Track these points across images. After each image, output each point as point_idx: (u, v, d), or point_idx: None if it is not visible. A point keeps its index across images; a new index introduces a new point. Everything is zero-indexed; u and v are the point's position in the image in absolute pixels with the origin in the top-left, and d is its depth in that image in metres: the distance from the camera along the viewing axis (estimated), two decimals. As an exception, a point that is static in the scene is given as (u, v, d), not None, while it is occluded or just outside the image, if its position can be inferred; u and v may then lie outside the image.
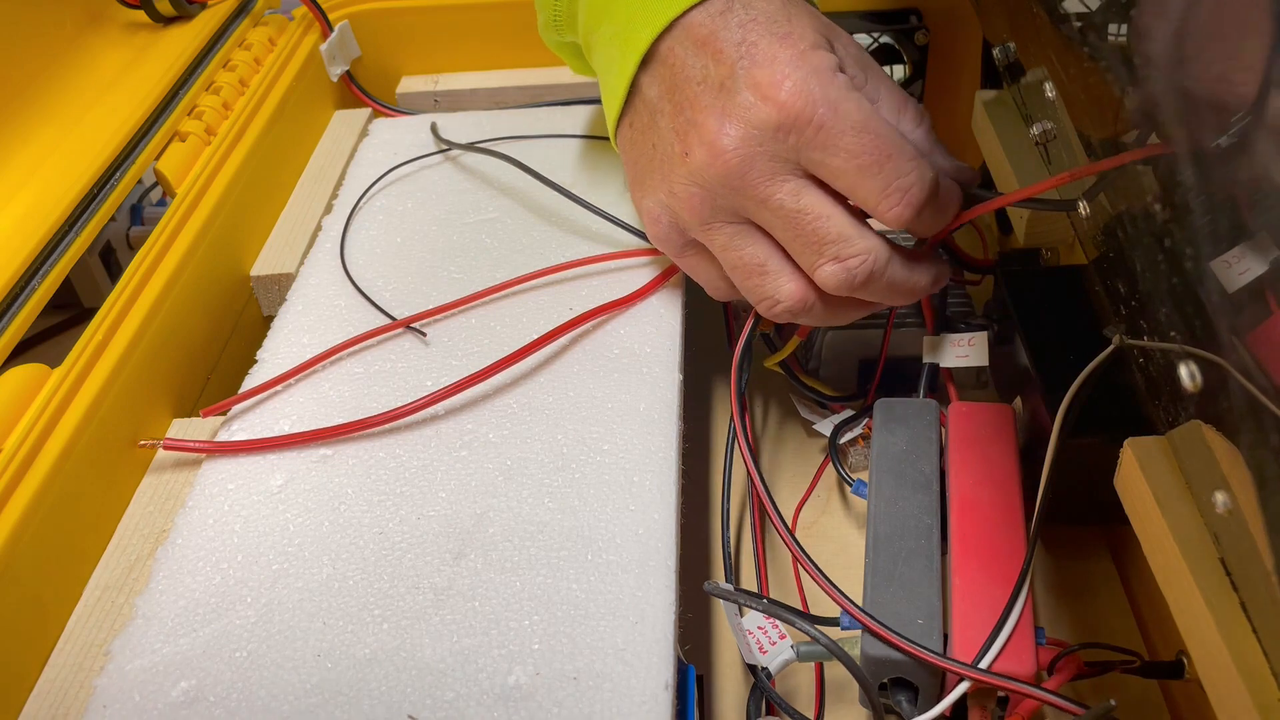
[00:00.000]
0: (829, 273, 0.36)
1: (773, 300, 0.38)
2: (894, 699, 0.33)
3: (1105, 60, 0.29)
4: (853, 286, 0.36)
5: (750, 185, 0.36)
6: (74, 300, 0.59)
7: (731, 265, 0.39)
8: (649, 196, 0.40)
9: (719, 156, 0.35)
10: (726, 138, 0.35)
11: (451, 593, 0.34)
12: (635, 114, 0.40)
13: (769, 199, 0.36)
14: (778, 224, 0.36)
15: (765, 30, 0.35)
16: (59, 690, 0.33)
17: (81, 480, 0.37)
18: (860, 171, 0.34)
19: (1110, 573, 0.41)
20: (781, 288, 0.38)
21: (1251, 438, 0.22)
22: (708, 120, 0.36)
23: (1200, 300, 0.24)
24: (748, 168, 0.35)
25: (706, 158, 0.36)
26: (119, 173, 0.48)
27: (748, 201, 0.36)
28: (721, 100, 0.36)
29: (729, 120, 0.35)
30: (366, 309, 0.46)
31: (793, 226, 0.36)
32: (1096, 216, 0.32)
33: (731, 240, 0.38)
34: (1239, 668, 0.25)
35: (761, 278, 0.38)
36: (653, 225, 0.40)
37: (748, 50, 0.35)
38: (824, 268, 0.36)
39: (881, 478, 0.37)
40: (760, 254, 0.38)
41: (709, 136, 0.36)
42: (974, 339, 0.42)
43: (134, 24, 0.61)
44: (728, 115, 0.35)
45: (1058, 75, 0.34)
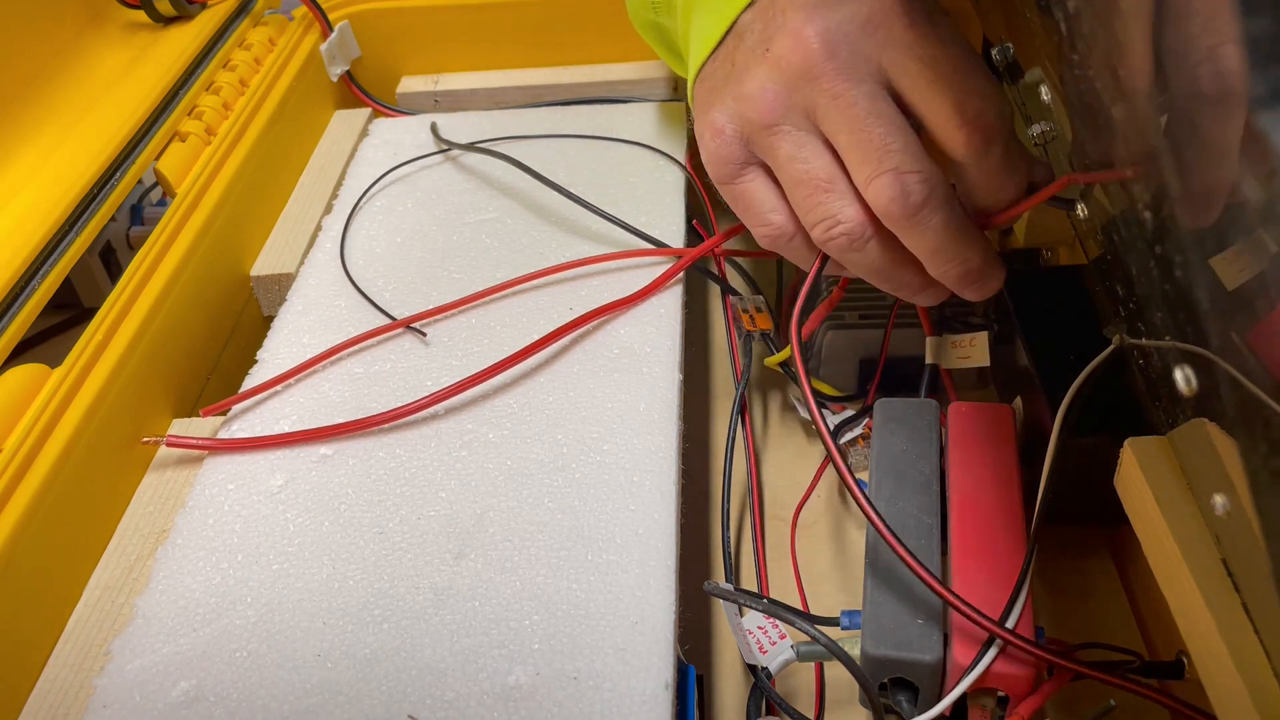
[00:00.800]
0: (883, 184, 0.33)
1: (833, 220, 0.35)
2: (894, 699, 0.33)
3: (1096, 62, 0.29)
4: (905, 208, 0.33)
5: (828, 75, 0.34)
6: (74, 300, 0.59)
7: (795, 179, 0.36)
8: (717, 108, 0.37)
9: (802, 42, 0.34)
10: (811, 26, 0.34)
11: (451, 593, 0.34)
12: (723, 47, 0.39)
13: (843, 94, 0.34)
14: (845, 125, 0.34)
15: None
16: (59, 690, 0.33)
17: (81, 480, 0.37)
18: (938, 81, 0.33)
19: (1110, 573, 0.41)
20: (845, 209, 0.35)
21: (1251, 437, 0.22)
22: (795, 16, 0.35)
23: (1200, 300, 0.24)
24: (829, 55, 0.34)
25: (789, 46, 0.34)
26: (119, 173, 0.48)
27: (821, 96, 0.34)
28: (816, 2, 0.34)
29: (817, 13, 0.34)
30: (366, 309, 0.46)
31: (860, 130, 0.34)
32: (1095, 216, 0.32)
33: (799, 149, 0.36)
34: (1239, 668, 0.25)
35: (826, 194, 0.35)
36: (715, 138, 0.37)
37: None
38: (880, 179, 0.34)
39: (881, 478, 0.37)
40: (827, 169, 0.35)
41: (793, 26, 0.34)
42: (975, 339, 0.42)
43: (134, 24, 0.61)
44: (819, 9, 0.34)
45: (1052, 77, 0.34)
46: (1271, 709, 0.24)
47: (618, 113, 0.58)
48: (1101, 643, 0.35)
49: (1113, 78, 0.27)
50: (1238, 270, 0.22)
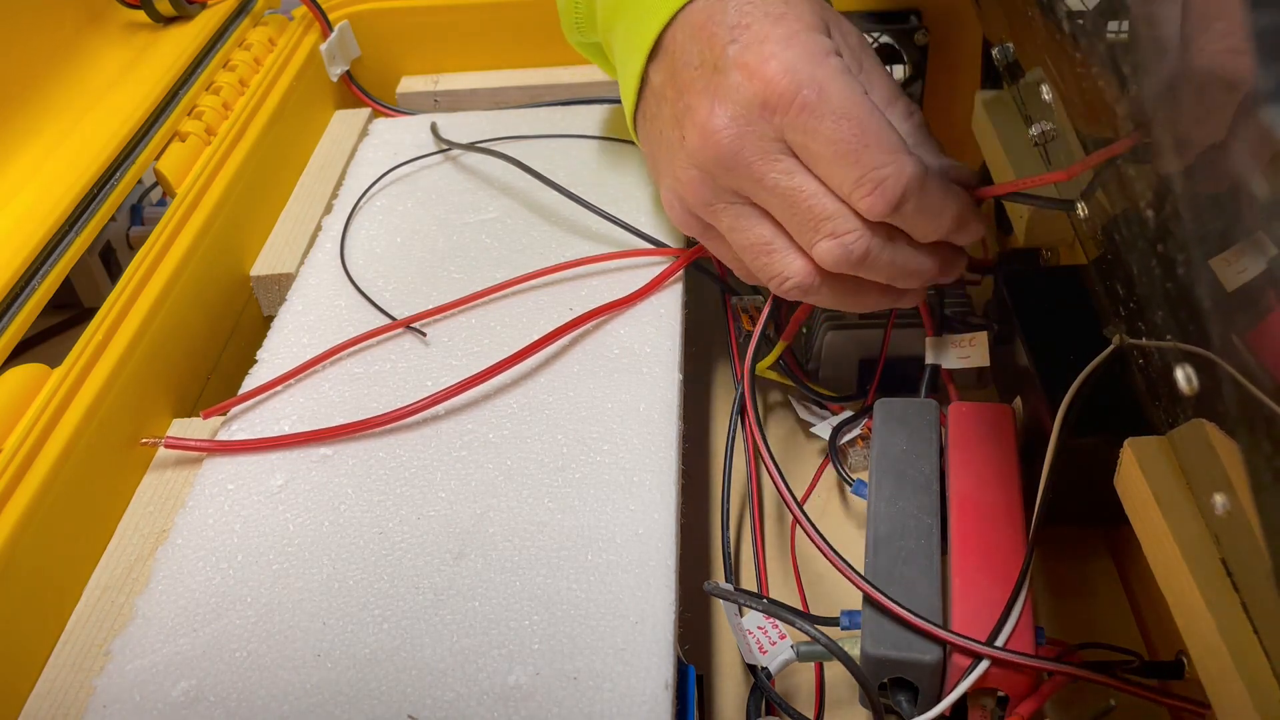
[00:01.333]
0: (825, 249, 0.36)
1: (782, 277, 0.38)
2: (894, 699, 0.33)
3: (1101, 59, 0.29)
4: (851, 263, 0.36)
5: (743, 165, 0.36)
6: (74, 300, 0.59)
7: (740, 246, 0.38)
8: (661, 184, 0.40)
9: (710, 137, 0.36)
10: (716, 118, 0.35)
11: (451, 593, 0.34)
12: (646, 104, 0.41)
13: (763, 178, 0.36)
14: (774, 202, 0.36)
15: (760, 13, 0.35)
16: (59, 690, 0.33)
17: (81, 480, 0.37)
18: (836, 158, 0.34)
19: (1110, 573, 0.41)
20: (790, 265, 0.37)
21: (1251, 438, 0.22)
22: (700, 102, 0.36)
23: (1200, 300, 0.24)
24: (739, 147, 0.35)
25: (699, 140, 0.36)
26: (119, 173, 0.48)
27: (743, 181, 0.36)
28: (714, 81, 0.36)
29: (719, 101, 0.35)
30: (366, 309, 0.46)
31: (788, 205, 0.36)
32: (1095, 216, 0.32)
33: (736, 221, 0.38)
34: (1239, 668, 0.25)
35: (769, 256, 0.38)
36: (669, 210, 0.41)
37: (740, 32, 0.35)
38: (820, 244, 0.36)
39: (881, 478, 0.37)
40: (765, 234, 0.37)
41: (700, 118, 0.36)
42: (975, 339, 0.42)
43: (134, 24, 0.61)
44: (718, 96, 0.35)
45: (1054, 76, 0.34)
46: (1272, 709, 0.24)
47: (617, 113, 0.58)
48: (1101, 643, 0.35)
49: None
50: (1237, 272, 0.22)
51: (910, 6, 0.59)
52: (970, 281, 0.45)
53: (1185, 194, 0.24)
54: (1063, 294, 0.42)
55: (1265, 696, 0.24)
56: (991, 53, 0.41)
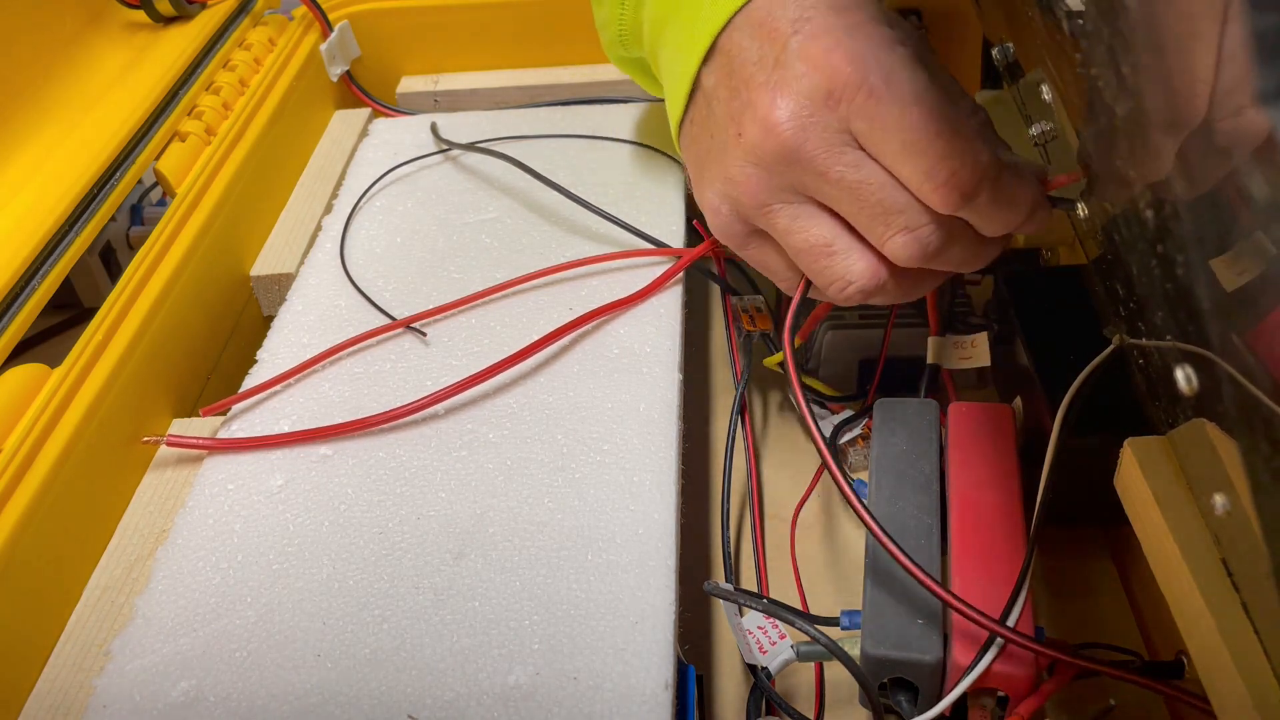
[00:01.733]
0: (900, 244, 0.34)
1: (844, 281, 0.36)
2: (894, 699, 0.33)
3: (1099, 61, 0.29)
4: (927, 256, 0.34)
5: (808, 158, 0.34)
6: (74, 300, 0.59)
7: (797, 249, 0.36)
8: (708, 188, 0.38)
9: (772, 131, 0.34)
10: (779, 110, 0.34)
11: (451, 593, 0.34)
12: (695, 109, 0.39)
13: (828, 171, 0.34)
14: (841, 198, 0.34)
15: (824, 5, 0.34)
16: (59, 690, 0.33)
17: (81, 480, 0.37)
18: (905, 148, 0.33)
19: (1110, 573, 0.41)
20: (853, 267, 0.35)
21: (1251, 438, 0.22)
22: (760, 97, 0.34)
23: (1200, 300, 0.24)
24: (803, 140, 0.34)
25: (760, 134, 0.34)
26: (119, 173, 0.48)
27: (807, 176, 0.34)
28: (775, 75, 0.34)
29: (781, 94, 0.34)
30: (366, 309, 0.46)
31: (856, 199, 0.34)
32: (1095, 216, 0.32)
33: (794, 222, 0.36)
34: (1239, 668, 0.25)
35: (830, 259, 0.36)
36: (714, 217, 0.38)
37: (803, 24, 0.34)
38: (894, 239, 0.34)
39: (881, 478, 0.37)
40: (826, 233, 0.35)
41: (761, 112, 0.34)
42: (975, 339, 0.42)
43: (134, 24, 0.61)
44: (780, 89, 0.34)
45: (1054, 76, 0.34)
46: (1272, 709, 0.24)
47: (618, 113, 0.58)
48: (1101, 643, 0.35)
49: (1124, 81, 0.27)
50: (1237, 273, 0.22)
51: (910, 6, 0.59)
52: (970, 282, 0.45)
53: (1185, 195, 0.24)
54: (1063, 294, 0.42)
55: (1265, 696, 0.24)
56: (992, 53, 0.41)
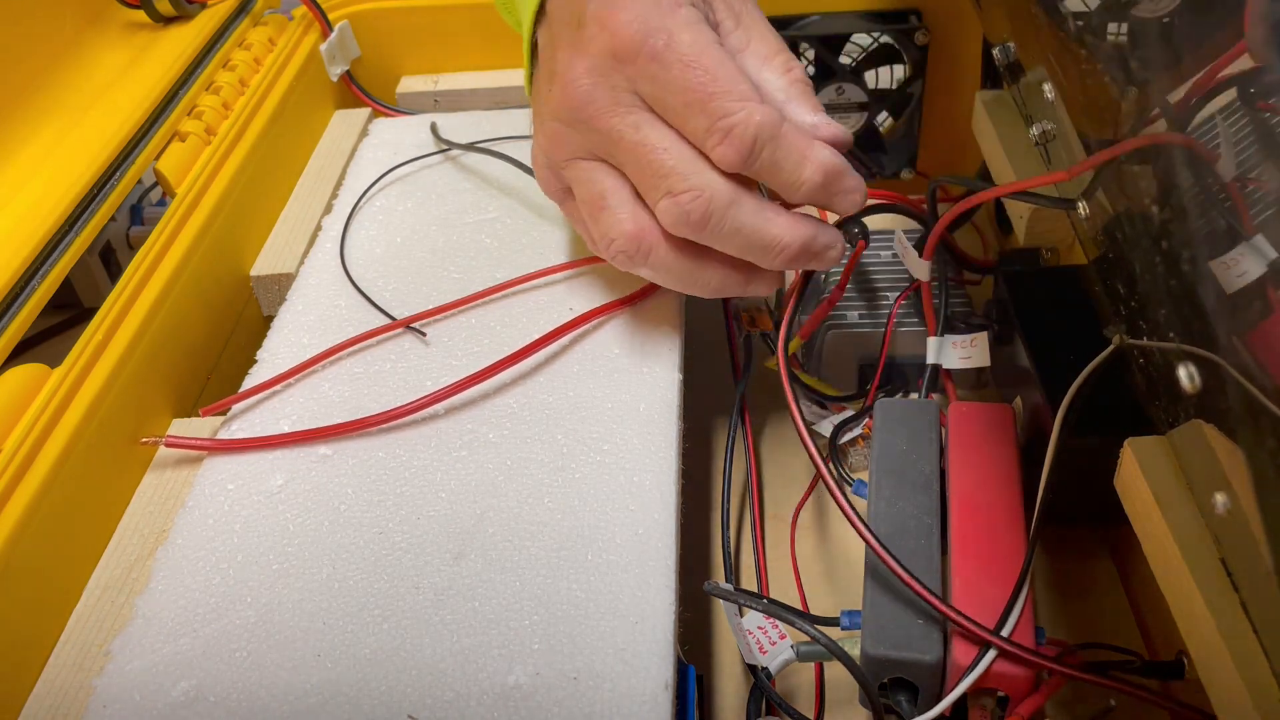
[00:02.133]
0: (663, 208, 0.35)
1: (608, 238, 0.37)
2: (894, 699, 0.33)
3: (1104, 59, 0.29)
4: (689, 223, 0.35)
5: (593, 116, 0.35)
6: (74, 300, 0.59)
7: (583, 201, 0.38)
8: (535, 143, 0.40)
9: (567, 88, 0.36)
10: (573, 69, 0.36)
11: (451, 593, 0.34)
12: (535, 67, 0.41)
13: (610, 130, 0.35)
14: (622, 157, 0.36)
15: None
16: (59, 690, 0.33)
17: (81, 480, 0.37)
18: (687, 106, 0.34)
19: (1110, 573, 0.41)
20: (616, 224, 0.36)
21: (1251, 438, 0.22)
22: (562, 56, 0.36)
23: (1200, 301, 0.24)
24: (590, 98, 0.35)
25: (560, 92, 0.36)
26: (119, 173, 0.48)
27: (594, 135, 0.36)
28: (576, 36, 0.36)
29: (578, 54, 0.36)
30: (366, 309, 0.46)
31: (635, 159, 0.35)
32: (1095, 216, 0.32)
33: (585, 174, 0.37)
34: (1239, 668, 0.25)
35: (602, 212, 0.37)
36: (536, 170, 0.40)
37: None
38: (661, 204, 0.35)
39: (881, 478, 0.37)
40: (606, 188, 0.37)
41: (561, 69, 0.36)
42: (975, 339, 0.42)
43: (134, 24, 0.61)
44: (577, 49, 0.36)
45: (1057, 76, 0.34)
46: (1271, 709, 0.24)
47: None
48: (1101, 643, 0.35)
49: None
50: (1237, 275, 0.22)
51: (910, 6, 0.59)
52: (970, 281, 0.45)
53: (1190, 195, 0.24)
54: (1063, 294, 0.42)
55: (1265, 696, 0.24)
56: (992, 53, 0.41)
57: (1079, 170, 0.33)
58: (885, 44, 0.59)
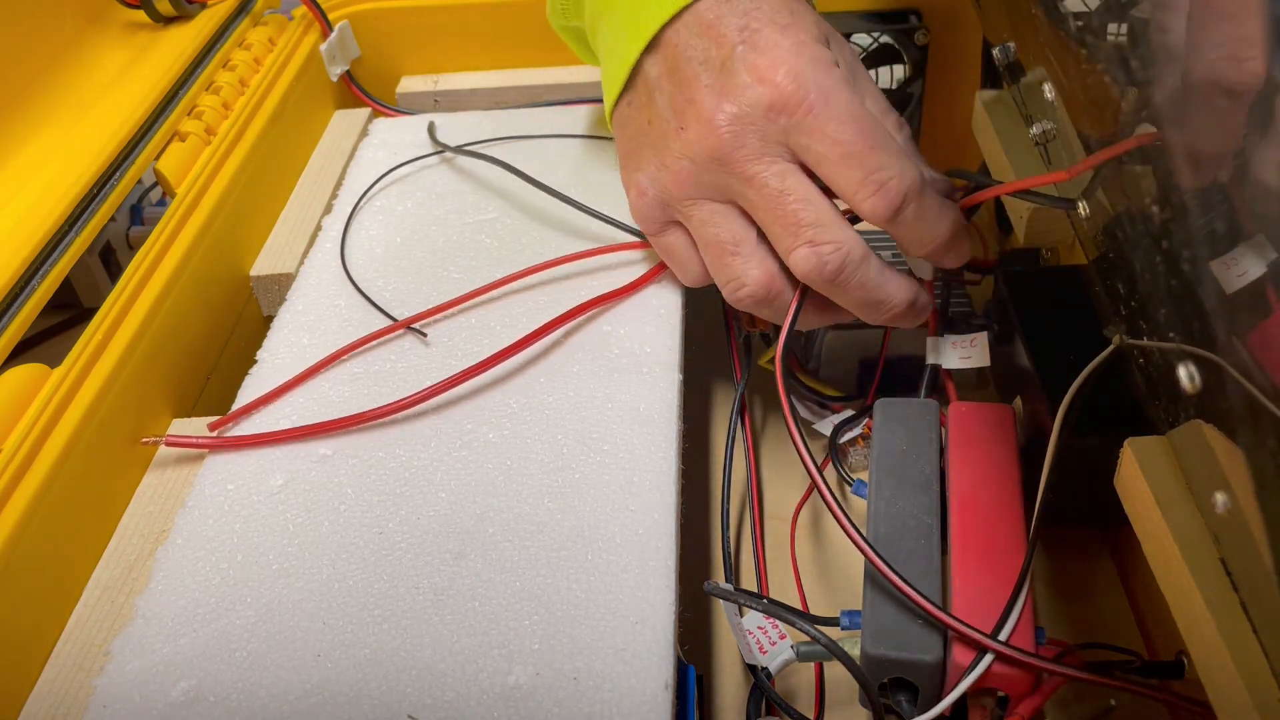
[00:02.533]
0: (801, 256, 0.36)
1: (739, 283, 0.39)
2: (894, 699, 0.33)
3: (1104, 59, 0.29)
4: (823, 275, 0.36)
5: (738, 162, 0.36)
6: (74, 300, 0.59)
7: (706, 242, 0.39)
8: (640, 170, 0.41)
9: (713, 131, 0.36)
10: (721, 114, 0.36)
11: (451, 593, 0.34)
12: (635, 93, 0.41)
13: (754, 177, 0.36)
14: (760, 203, 0.37)
15: (768, 20, 0.37)
16: (59, 690, 0.33)
17: (81, 480, 0.37)
18: (843, 159, 0.35)
19: (1110, 573, 0.41)
20: (749, 271, 0.38)
21: (1251, 438, 0.22)
22: (705, 98, 0.37)
23: (1200, 301, 0.24)
24: (738, 144, 0.36)
25: (700, 132, 0.37)
26: (119, 173, 0.48)
27: (733, 179, 0.37)
28: (720, 80, 0.37)
29: (725, 98, 0.36)
30: (366, 309, 0.46)
31: (774, 207, 0.36)
32: (1096, 216, 0.32)
33: (711, 216, 0.39)
34: (1239, 668, 0.25)
35: (732, 258, 0.39)
36: (638, 199, 0.41)
37: (749, 36, 0.36)
38: (798, 251, 0.36)
39: (881, 478, 0.37)
40: (736, 234, 0.38)
41: (705, 113, 0.37)
42: (975, 339, 0.42)
43: (134, 24, 0.61)
44: (724, 94, 0.36)
45: (1057, 75, 0.34)
46: (1271, 709, 0.24)
47: (618, 113, 0.58)
48: (1101, 643, 0.35)
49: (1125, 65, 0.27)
50: (1237, 275, 0.22)
51: (910, 6, 0.59)
52: (970, 281, 0.45)
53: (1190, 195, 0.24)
54: (1063, 294, 0.42)
55: (1265, 696, 0.24)
56: (992, 53, 0.41)
57: (1079, 170, 0.33)
58: (885, 44, 0.59)
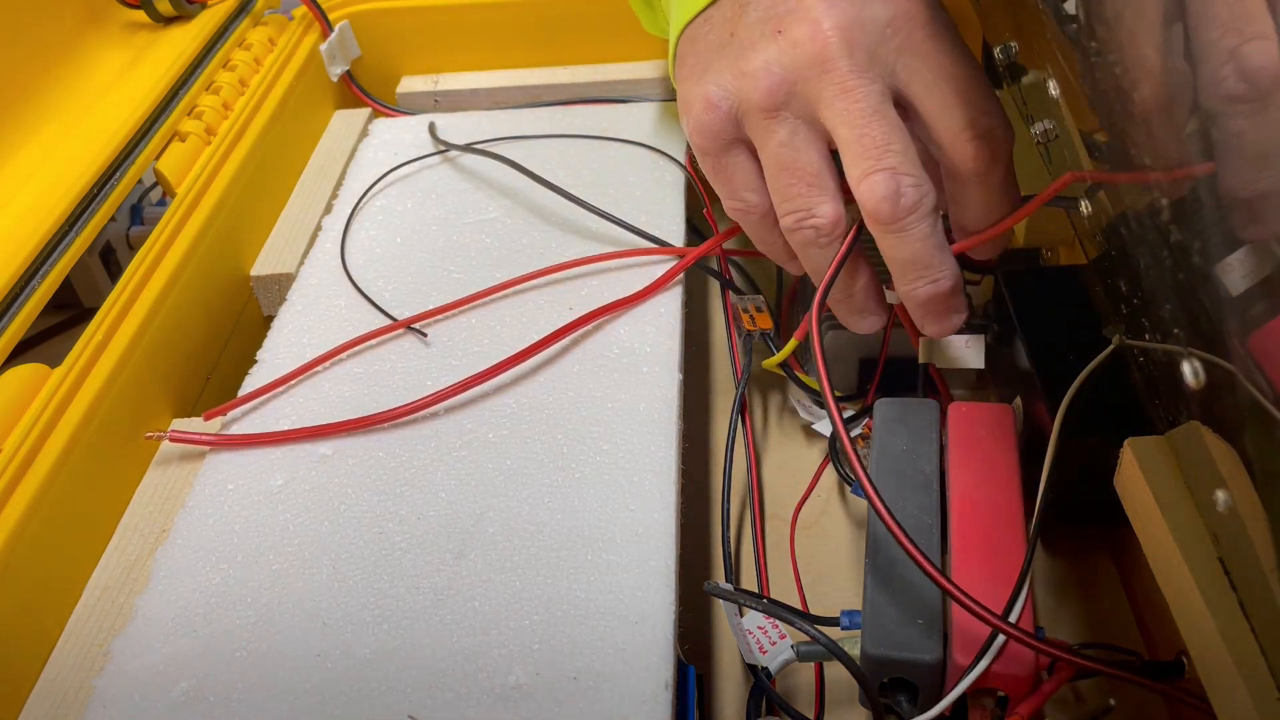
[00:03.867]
0: (878, 180, 0.33)
1: (808, 213, 0.35)
2: (894, 699, 0.33)
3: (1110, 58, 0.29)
4: (895, 206, 0.33)
5: (840, 72, 0.33)
6: (74, 300, 0.59)
7: (782, 164, 0.36)
8: (710, 82, 0.36)
9: (818, 35, 0.34)
10: (830, 18, 0.33)
11: (451, 593, 0.34)
12: (719, 9, 0.37)
13: (853, 89, 0.33)
14: (849, 119, 0.34)
15: None
16: (59, 690, 0.33)
17: (81, 480, 0.37)
18: (955, 94, 0.33)
19: (1110, 573, 0.41)
20: (823, 205, 0.35)
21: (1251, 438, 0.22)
22: (814, 3, 0.34)
23: (1202, 302, 0.24)
24: (844, 52, 0.33)
25: (805, 34, 0.34)
26: (119, 173, 0.48)
27: (829, 88, 0.34)
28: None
29: (838, 6, 0.34)
30: (366, 309, 0.46)
31: (863, 125, 0.33)
32: (1098, 215, 0.32)
33: (792, 137, 0.35)
34: (1239, 668, 0.25)
35: (809, 187, 0.35)
36: (706, 112, 0.36)
37: None
38: (876, 175, 0.33)
39: (881, 478, 0.37)
40: (817, 162, 0.35)
41: (813, 14, 0.34)
42: (970, 340, 0.42)
43: (134, 24, 0.61)
44: (837, 2, 0.34)
45: (1062, 73, 0.34)
46: (1271, 709, 0.24)
47: (618, 113, 0.58)
48: (1101, 643, 0.35)
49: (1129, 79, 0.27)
50: (1241, 276, 0.22)
51: (910, 6, 0.59)
52: (970, 281, 0.45)
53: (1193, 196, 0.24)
54: (1063, 294, 0.42)
55: (1265, 696, 0.24)
56: (994, 53, 0.41)
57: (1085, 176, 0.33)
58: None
